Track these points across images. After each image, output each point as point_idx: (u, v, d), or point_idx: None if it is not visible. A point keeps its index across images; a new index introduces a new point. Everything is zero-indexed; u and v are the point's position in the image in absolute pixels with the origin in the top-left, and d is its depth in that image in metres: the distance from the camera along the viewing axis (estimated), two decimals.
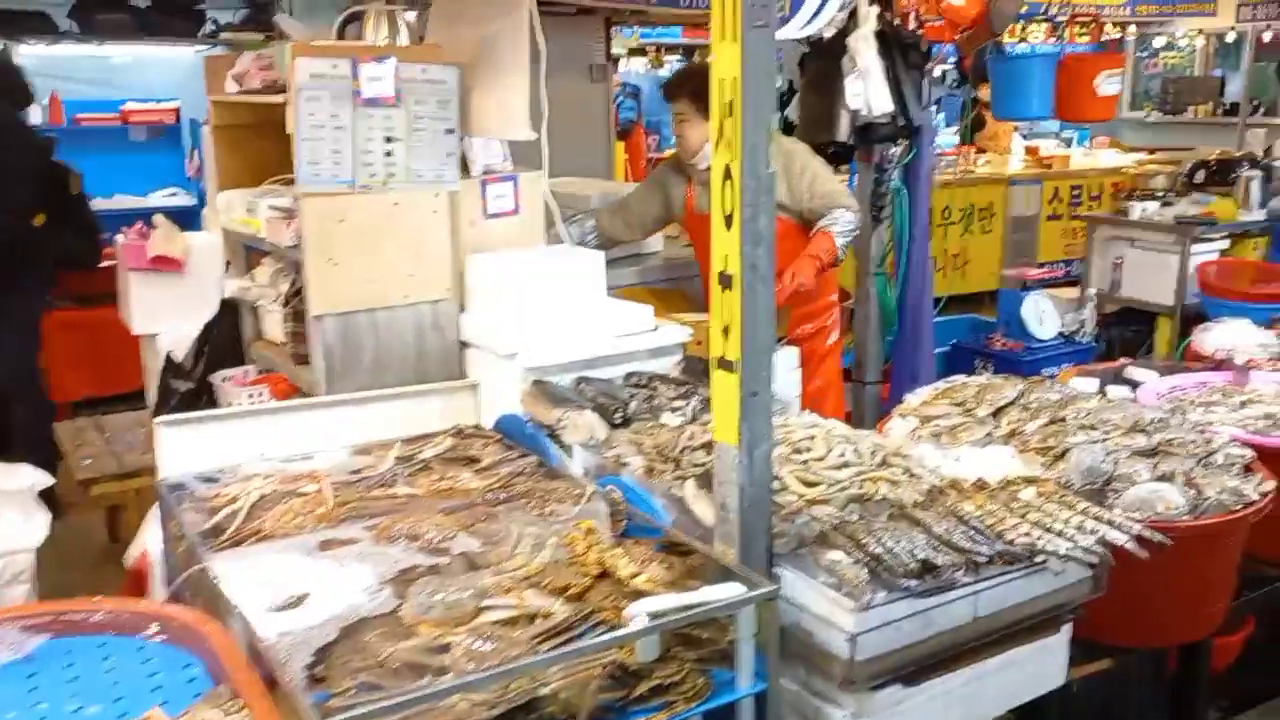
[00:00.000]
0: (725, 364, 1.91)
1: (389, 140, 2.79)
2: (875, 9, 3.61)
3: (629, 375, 2.87)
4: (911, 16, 3.67)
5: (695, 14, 6.85)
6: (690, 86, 3.45)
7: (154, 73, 7.59)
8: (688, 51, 13.20)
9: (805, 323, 3.52)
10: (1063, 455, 2.44)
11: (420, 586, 1.84)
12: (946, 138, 9.16)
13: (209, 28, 6.98)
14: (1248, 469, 2.45)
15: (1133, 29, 11.11)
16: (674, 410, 2.71)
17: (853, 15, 3.69)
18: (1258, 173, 5.63)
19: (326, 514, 2.15)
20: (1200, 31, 13.59)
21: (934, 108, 10.60)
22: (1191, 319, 5.59)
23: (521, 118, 2.81)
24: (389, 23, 2.83)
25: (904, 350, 4.00)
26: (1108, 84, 4.18)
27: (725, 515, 1.96)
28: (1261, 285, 5.25)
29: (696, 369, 2.94)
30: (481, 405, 2.92)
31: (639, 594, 1.82)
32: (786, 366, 3.31)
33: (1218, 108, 13.15)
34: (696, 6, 6.26)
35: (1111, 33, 11.03)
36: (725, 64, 1.79)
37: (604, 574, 1.92)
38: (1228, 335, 3.62)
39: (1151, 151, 11.21)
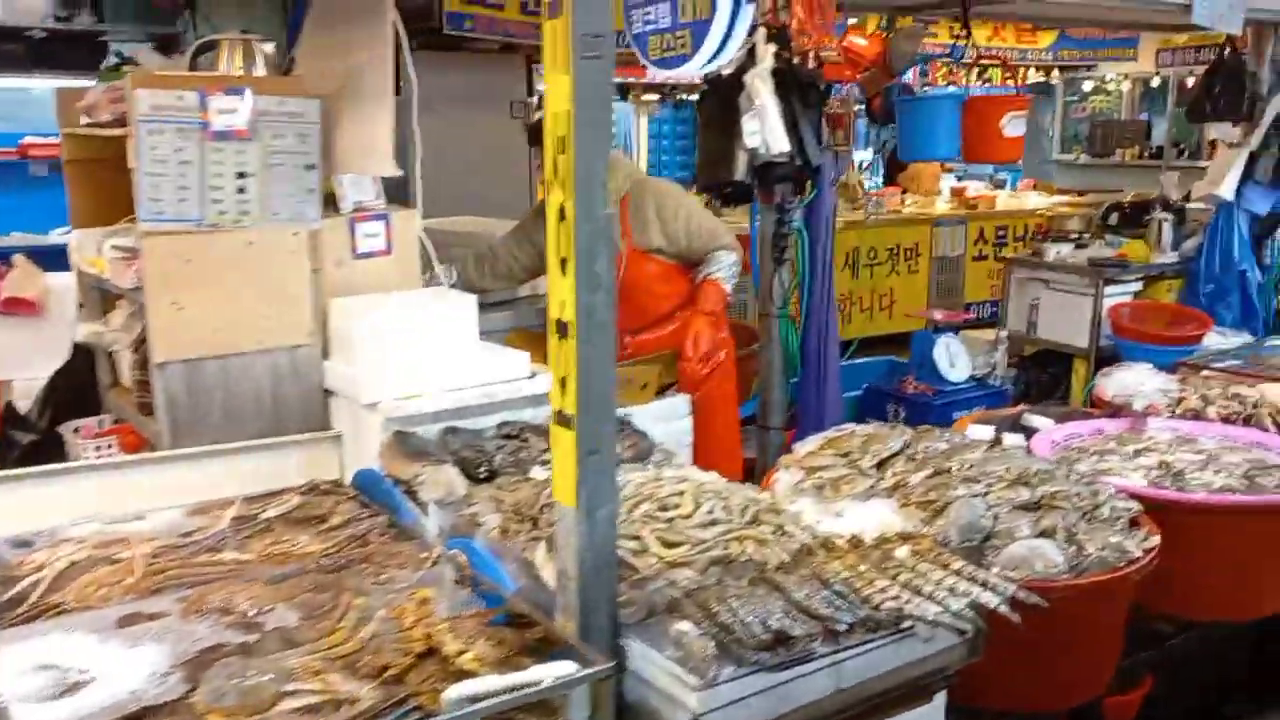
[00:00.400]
0: (562, 419, 1.77)
1: (241, 176, 2.63)
2: (773, 47, 3.54)
3: (501, 425, 2.73)
4: (811, 55, 3.60)
5: (620, 52, 6.79)
6: None
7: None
8: (622, 90, 13.21)
9: (700, 365, 3.41)
10: (944, 509, 2.34)
11: (219, 669, 1.66)
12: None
13: (111, 60, 6.77)
14: (1134, 523, 2.36)
15: (1056, 73, 11.31)
16: (544, 464, 2.57)
17: (751, 53, 3.62)
18: (1169, 215, 5.67)
19: (134, 584, 1.96)
20: (1126, 76, 13.93)
21: (868, 149, 10.76)
22: (1106, 361, 5.60)
23: (385, 152, 2.68)
24: (244, 53, 2.68)
25: (808, 394, 3.90)
26: (1013, 126, 4.16)
27: (565, 584, 1.81)
28: (1174, 327, 5.26)
29: None
30: (346, 458, 2.75)
31: (464, 674, 1.66)
32: (675, 414, 3.18)
33: (1144, 150, 13.44)
34: (621, 45, 6.18)
35: (1036, 76, 11.26)
36: (556, 97, 1.68)
37: (431, 651, 1.76)
38: (1129, 380, 3.57)
39: (1081, 193, 11.39)
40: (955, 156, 4.41)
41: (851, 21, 5.55)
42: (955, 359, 4.67)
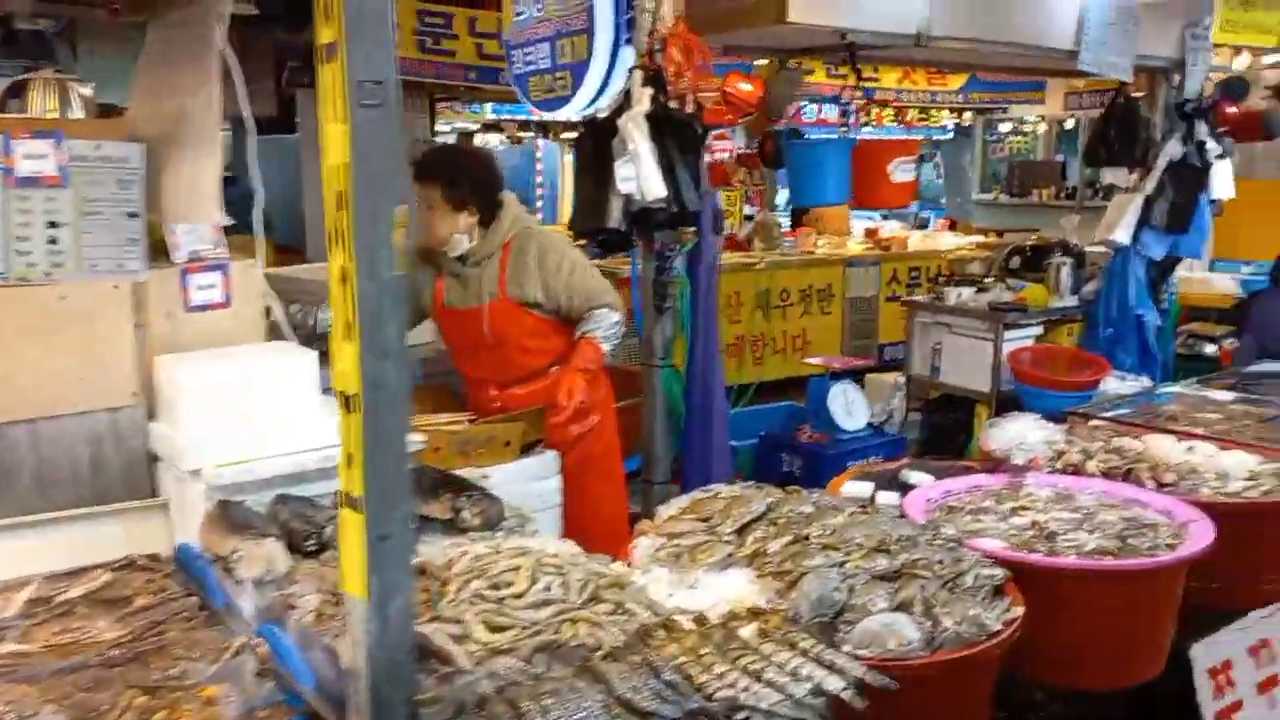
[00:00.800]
0: (350, 501, 1.61)
1: (53, 226, 2.44)
2: (649, 90, 3.45)
3: (339, 492, 2.54)
4: (689, 99, 3.52)
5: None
6: (442, 172, 3.21)
7: None
8: (543, 128, 13.16)
9: (571, 424, 3.26)
10: (799, 580, 2.21)
11: None
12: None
13: None
14: (998, 591, 2.26)
15: (968, 115, 11.50)
16: None
17: (628, 96, 3.52)
18: (1069, 259, 5.70)
19: None
20: (1042, 118, 14.26)
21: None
22: (1008, 406, 5.58)
23: (211, 197, 2.50)
24: (59, 94, 2.50)
25: (694, 446, 3.78)
26: (901, 171, 4.12)
27: (355, 684, 1.64)
28: (1074, 372, 5.26)
29: (428, 483, 2.63)
30: (176, 529, 2.55)
31: None
32: (543, 473, 3.04)
33: (1060, 191, 13.72)
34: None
35: (950, 118, 11.43)
36: (333, 149, 1.53)
37: None
38: (1015, 431, 3.51)
39: (1000, 233, 11.54)
40: (844, 201, 4.36)
41: (761, 62, 5.56)
42: (852, 407, 4.59)
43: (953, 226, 15.10)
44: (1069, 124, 13.54)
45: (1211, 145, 5.29)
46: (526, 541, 2.33)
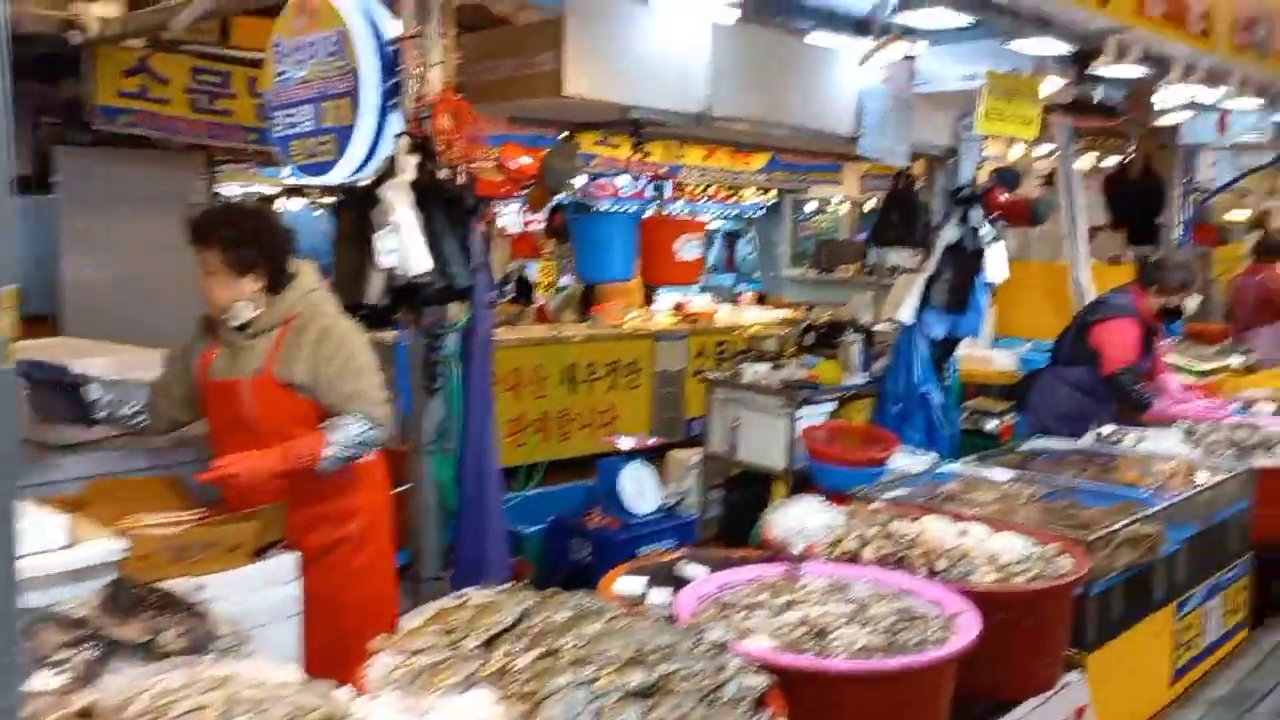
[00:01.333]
0: None
1: None
2: (415, 158, 3.24)
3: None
4: (461, 168, 3.33)
5: None
6: (222, 235, 2.88)
7: None
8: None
9: (323, 525, 2.95)
10: (542, 704, 1.98)
11: None
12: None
13: None
14: (760, 702, 2.10)
15: (773, 193, 11.87)
16: (55, 666, 2.03)
17: (393, 163, 3.30)
18: (859, 337, 5.80)
19: None
20: (846, 198, 14.92)
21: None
22: (804, 483, 5.59)
23: None
24: None
25: (467, 538, 3.52)
26: (688, 249, 4.06)
27: None
28: (866, 448, 5.31)
29: (126, 600, 2.27)
30: None
31: None
32: (277, 579, 2.71)
33: (863, 268, 14.30)
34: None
35: (755, 196, 11.76)
36: None
37: None
38: (796, 516, 3.42)
39: (810, 307, 11.86)
40: (629, 277, 4.26)
41: (565, 135, 5.47)
42: (644, 488, 4.45)
43: (762, 300, 15.53)
44: (869, 204, 14.20)
45: (985, 230, 5.52)
46: (234, 668, 2.01)
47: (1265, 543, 4.72)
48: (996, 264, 5.54)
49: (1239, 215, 11.18)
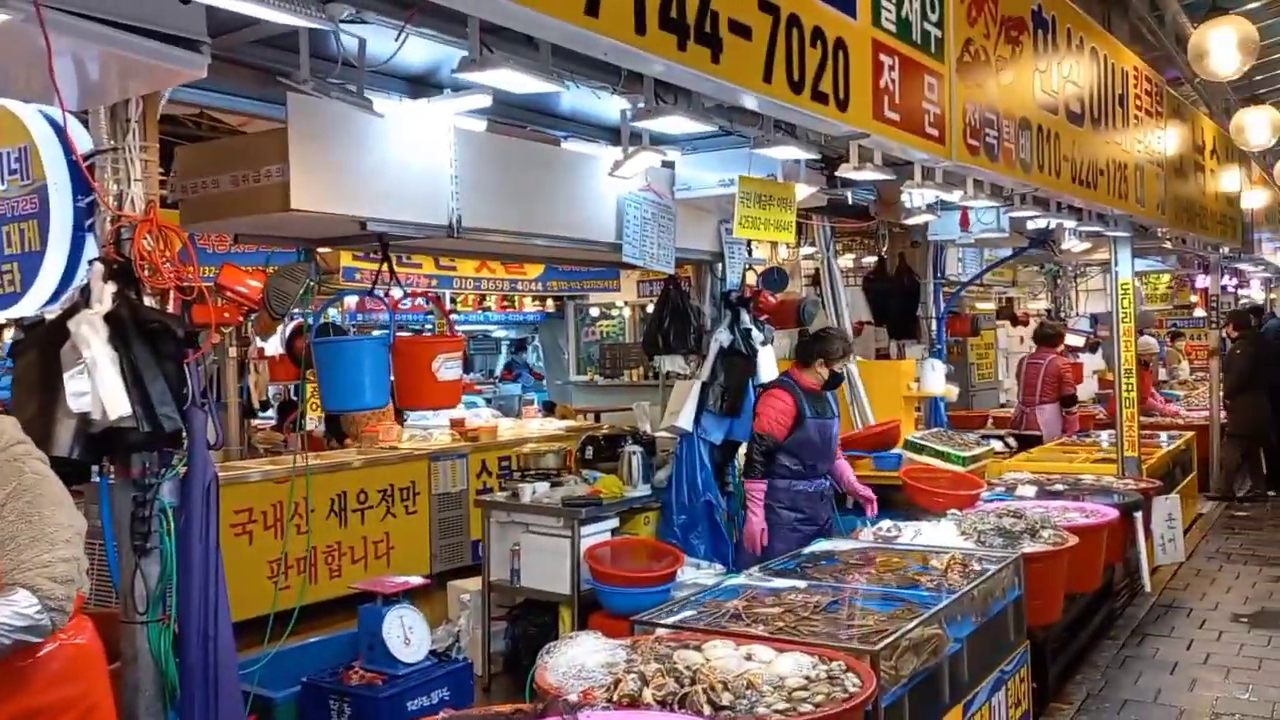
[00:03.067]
0: None
1: None
2: (112, 286, 2.85)
3: None
4: (170, 295, 2.97)
5: None
6: None
7: None
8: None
9: None
10: None
11: None
12: None
13: None
14: None
15: (549, 300, 11.82)
16: None
17: (86, 291, 2.90)
18: (639, 448, 5.68)
19: None
20: (627, 303, 15.11)
21: None
22: (590, 608, 5.35)
23: None
24: None
25: (193, 716, 3.03)
26: (447, 369, 3.81)
27: None
28: (653, 564, 5.13)
29: None
30: None
31: None
32: None
33: (648, 372, 14.44)
34: None
35: (534, 305, 11.65)
36: None
37: None
38: (572, 657, 3.16)
39: (598, 415, 11.77)
40: (383, 404, 3.95)
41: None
42: (411, 634, 4.06)
43: (551, 409, 15.35)
44: (650, 308, 14.41)
45: (756, 333, 5.56)
46: None
47: (1039, 628, 4.85)
48: (768, 365, 5.59)
49: (987, 305, 12.11)
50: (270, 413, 9.93)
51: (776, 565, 4.62)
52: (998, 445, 8.07)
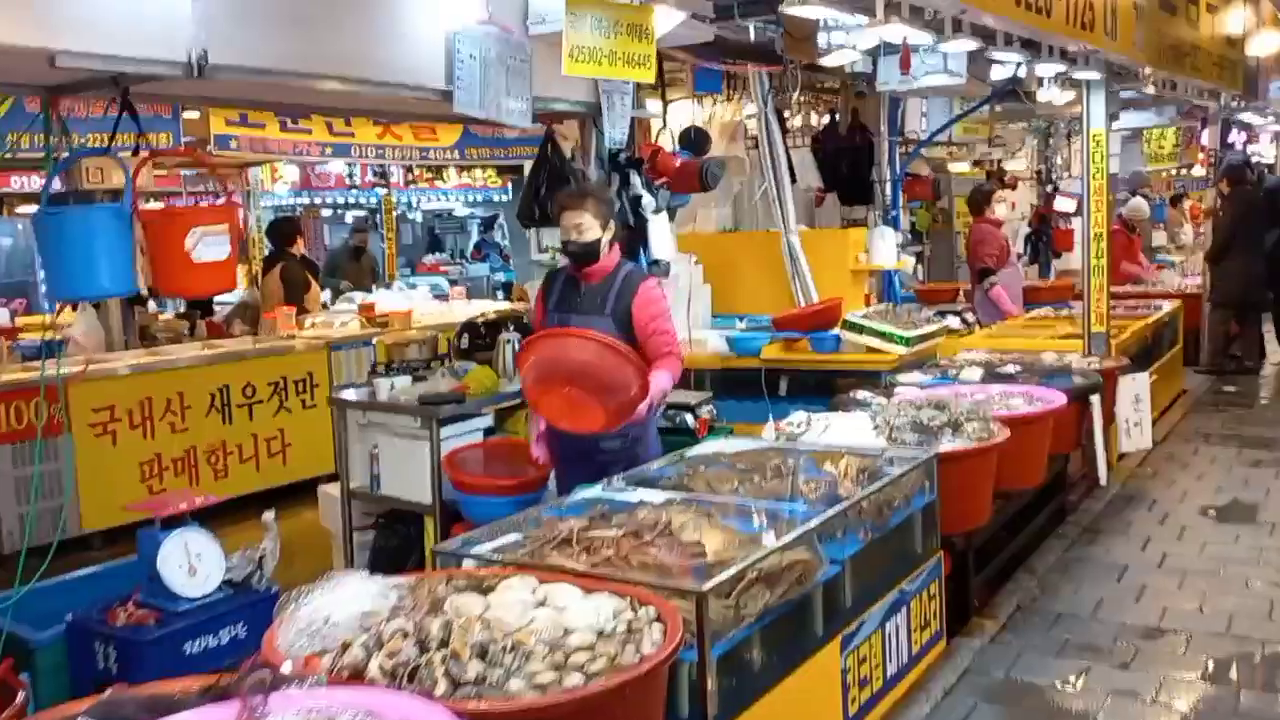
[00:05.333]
0: None
1: None
2: None
3: None
4: None
5: None
6: None
7: None
8: None
9: None
10: None
11: None
12: None
13: None
14: None
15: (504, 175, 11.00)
16: None
17: None
18: (517, 335, 5.01)
19: None
20: None
21: None
22: (453, 519, 4.79)
23: None
24: None
25: None
26: (208, 246, 3.11)
27: None
28: (528, 471, 4.52)
29: None
30: None
31: None
32: None
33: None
34: None
35: (459, 177, 10.78)
36: None
37: None
38: (332, 603, 2.57)
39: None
40: (127, 290, 3.27)
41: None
42: (199, 563, 3.49)
43: (509, 291, 14.66)
44: None
45: (647, 199, 4.83)
46: None
47: (957, 535, 4.28)
48: (661, 239, 4.87)
49: (962, 167, 11.23)
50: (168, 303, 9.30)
51: (653, 471, 4.01)
52: (954, 322, 7.39)
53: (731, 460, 4.08)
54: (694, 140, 6.07)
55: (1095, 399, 5.44)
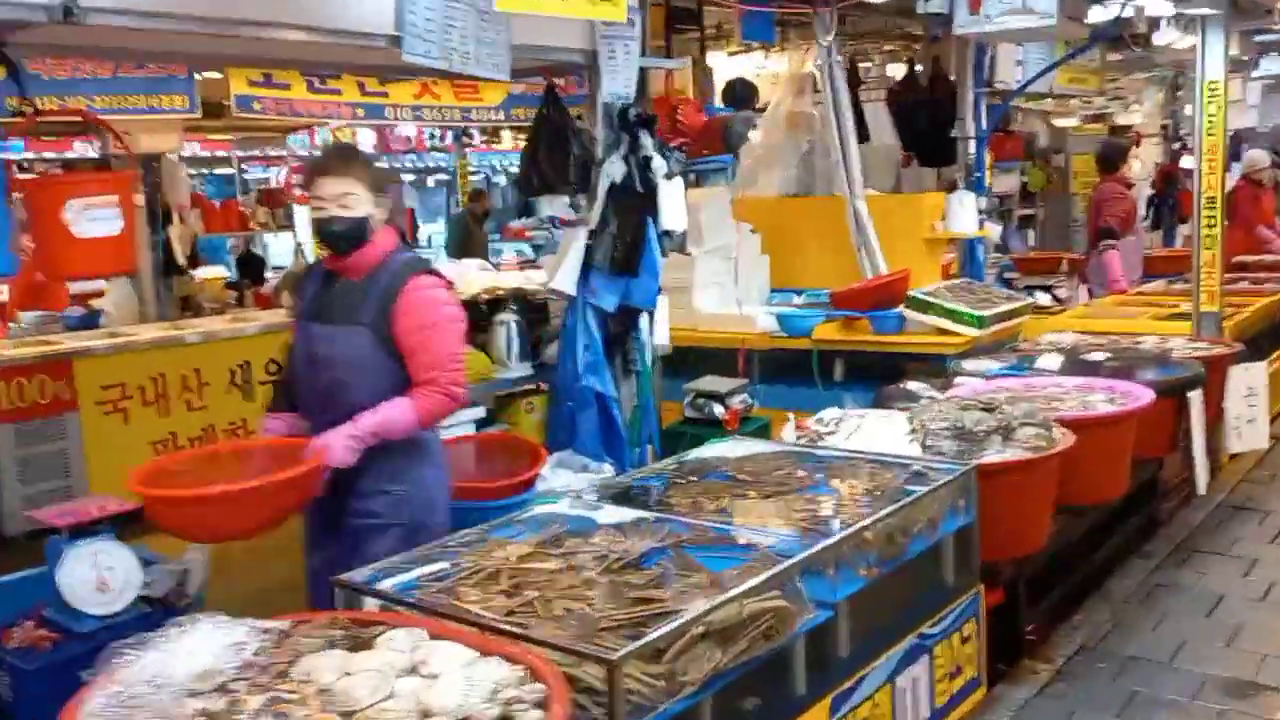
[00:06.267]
0: None
1: None
2: None
3: None
4: None
5: None
6: None
7: None
8: None
9: None
10: None
11: None
12: None
13: None
14: None
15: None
16: None
17: None
18: (513, 316, 4.53)
19: None
20: None
21: None
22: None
23: None
24: None
25: None
26: (90, 220, 2.71)
27: None
28: (515, 468, 4.05)
29: None
30: None
31: None
32: None
33: None
34: None
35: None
36: None
37: None
38: (167, 658, 2.16)
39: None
40: (7, 273, 2.89)
41: None
42: (112, 576, 3.13)
43: None
44: None
45: (659, 162, 4.26)
46: None
47: (1004, 562, 3.64)
48: (673, 207, 4.30)
49: (1069, 122, 10.22)
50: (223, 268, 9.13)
51: (637, 481, 3.50)
52: (1044, 298, 6.61)
53: (734, 468, 3.53)
54: (739, 94, 5.47)
55: (1195, 395, 4.66)
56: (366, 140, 14.21)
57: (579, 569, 2.67)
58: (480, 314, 4.80)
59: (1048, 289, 6.66)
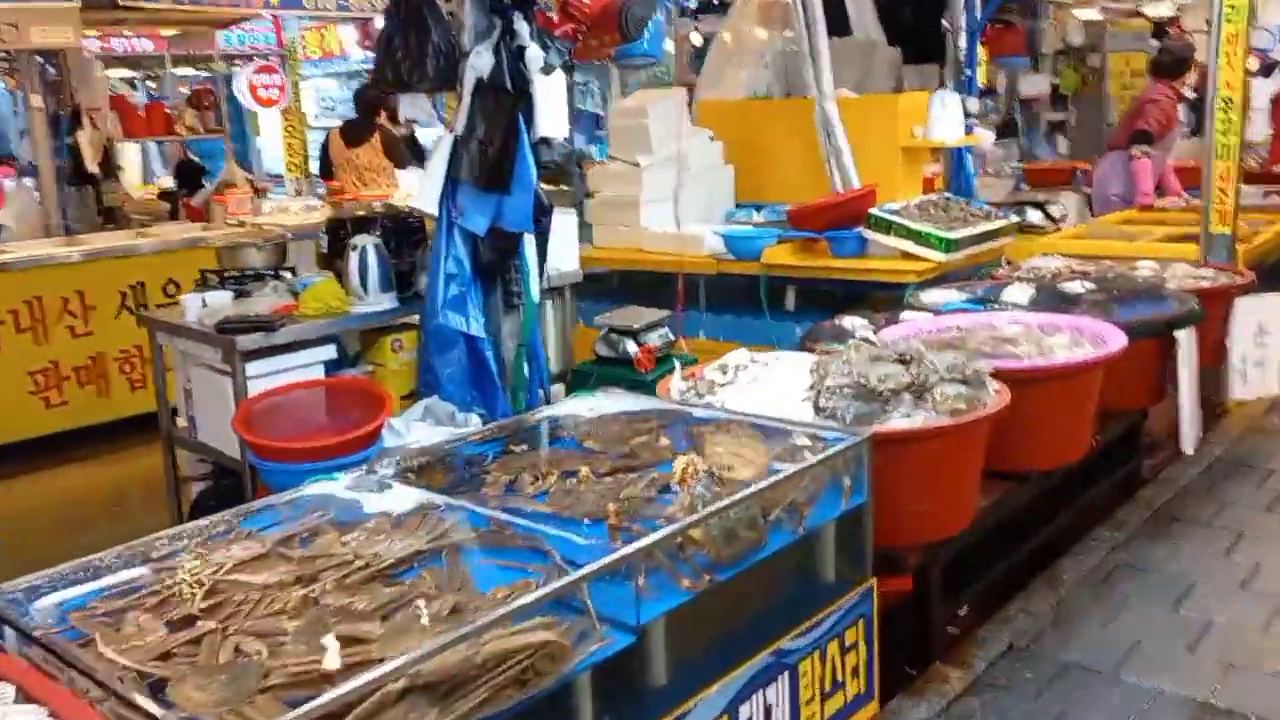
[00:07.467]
0: None
1: None
2: None
3: None
4: None
5: None
6: None
7: None
8: None
9: None
10: None
11: None
12: None
13: None
14: None
15: None
16: None
17: None
18: (371, 239, 3.90)
19: None
20: None
21: None
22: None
23: None
24: None
25: None
26: None
27: None
28: (365, 416, 3.48)
29: None
30: None
31: None
32: None
33: None
34: None
35: None
36: None
37: None
38: None
39: None
40: None
41: None
42: None
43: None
44: None
45: (533, 53, 3.57)
46: None
47: (914, 548, 3.02)
48: (553, 109, 3.62)
49: (1088, 14, 9.18)
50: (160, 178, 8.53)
51: (466, 445, 2.92)
52: (1035, 216, 5.85)
53: (583, 433, 2.93)
54: None
55: (1184, 335, 3.96)
56: (348, 37, 13.53)
57: (305, 582, 2.11)
58: (346, 235, 4.19)
59: (1040, 205, 5.87)
